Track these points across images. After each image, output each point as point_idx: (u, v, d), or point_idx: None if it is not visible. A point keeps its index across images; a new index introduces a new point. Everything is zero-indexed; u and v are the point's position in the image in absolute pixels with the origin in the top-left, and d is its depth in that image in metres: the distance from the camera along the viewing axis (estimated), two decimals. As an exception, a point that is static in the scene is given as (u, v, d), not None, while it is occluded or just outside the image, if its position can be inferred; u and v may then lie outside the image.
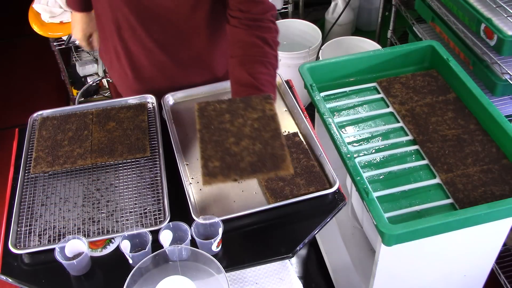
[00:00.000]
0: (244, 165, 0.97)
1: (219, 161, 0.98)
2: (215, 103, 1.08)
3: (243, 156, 0.98)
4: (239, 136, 1.02)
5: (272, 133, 1.02)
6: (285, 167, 0.97)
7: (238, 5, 1.17)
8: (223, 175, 0.96)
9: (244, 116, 1.05)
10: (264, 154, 0.99)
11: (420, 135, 1.42)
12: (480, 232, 1.30)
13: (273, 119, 1.05)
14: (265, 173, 0.97)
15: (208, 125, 1.04)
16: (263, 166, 0.97)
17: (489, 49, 1.76)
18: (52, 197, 1.14)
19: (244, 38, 1.18)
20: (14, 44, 3.46)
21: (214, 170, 0.96)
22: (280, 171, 0.97)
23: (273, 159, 0.98)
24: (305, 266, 2.06)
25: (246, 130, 1.03)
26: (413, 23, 2.31)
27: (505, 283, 1.79)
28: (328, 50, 2.49)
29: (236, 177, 0.96)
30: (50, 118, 1.30)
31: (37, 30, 2.20)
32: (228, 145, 1.00)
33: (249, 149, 1.00)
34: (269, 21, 1.19)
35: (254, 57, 1.16)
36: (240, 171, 0.96)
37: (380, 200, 1.28)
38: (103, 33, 1.37)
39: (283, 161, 0.97)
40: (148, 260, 0.96)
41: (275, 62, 1.19)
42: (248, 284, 1.08)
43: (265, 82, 1.14)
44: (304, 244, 1.06)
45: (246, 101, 1.08)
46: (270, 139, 1.01)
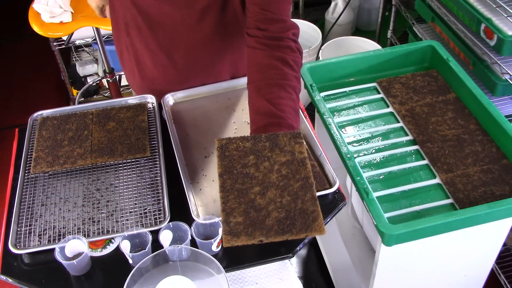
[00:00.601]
0: (271, 223, 0.87)
1: (243, 216, 0.88)
2: (237, 141, 0.99)
3: (270, 211, 0.88)
4: (265, 185, 0.92)
5: (302, 182, 0.92)
6: (317, 227, 0.87)
7: (256, 23, 1.09)
8: (247, 235, 0.86)
9: (271, 159, 0.95)
10: (293, 209, 0.88)
11: (420, 135, 1.42)
12: (480, 232, 1.30)
13: (303, 164, 0.94)
14: (294, 234, 0.86)
15: (231, 169, 0.94)
16: (293, 226, 0.86)
17: (489, 49, 1.76)
18: (52, 197, 1.14)
19: (262, 61, 1.08)
20: (14, 44, 3.46)
21: (236, 228, 0.87)
22: (312, 232, 0.86)
23: (303, 216, 0.88)
24: (305, 266, 2.06)
25: (273, 178, 0.93)
26: (413, 23, 2.31)
27: (505, 283, 1.79)
28: (328, 50, 2.49)
29: (262, 238, 0.86)
30: (50, 118, 1.30)
31: (37, 30, 2.20)
32: (253, 196, 0.90)
33: (277, 202, 0.89)
34: (289, 40, 1.09)
35: (271, 81, 1.05)
36: (266, 231, 0.86)
37: (380, 200, 1.28)
38: (115, 24, 1.36)
39: (314, 220, 0.87)
40: (148, 260, 0.96)
41: (296, 84, 1.08)
42: (248, 284, 1.08)
43: (285, 108, 1.03)
44: (304, 244, 1.06)
45: (273, 140, 0.98)
46: (300, 190, 0.91)
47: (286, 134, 0.99)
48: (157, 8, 1.21)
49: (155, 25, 1.25)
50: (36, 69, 3.24)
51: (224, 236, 0.86)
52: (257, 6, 1.09)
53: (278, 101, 1.03)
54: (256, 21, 1.09)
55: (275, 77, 1.06)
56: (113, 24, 1.38)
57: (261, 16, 1.09)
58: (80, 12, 2.19)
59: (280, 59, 1.07)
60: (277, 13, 1.09)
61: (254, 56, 1.10)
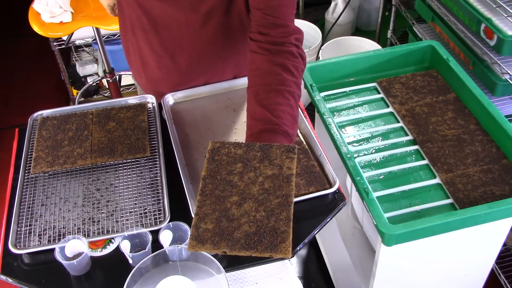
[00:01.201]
0: (239, 236, 0.86)
1: (213, 224, 0.87)
2: (230, 146, 0.98)
3: (241, 223, 0.88)
4: (244, 196, 0.91)
5: (281, 199, 0.90)
6: (283, 249, 0.85)
7: (258, 27, 1.08)
8: (213, 244, 0.85)
9: (257, 170, 0.94)
10: (264, 226, 0.87)
11: (420, 135, 1.42)
12: (480, 232, 1.30)
13: (288, 181, 0.93)
14: (258, 252, 0.85)
15: (215, 174, 0.94)
16: (259, 243, 0.85)
17: (489, 49, 1.76)
18: (52, 197, 1.14)
19: (261, 66, 1.06)
20: (14, 44, 3.46)
21: (204, 235, 0.86)
22: (276, 254, 0.84)
23: (272, 235, 0.86)
24: (305, 266, 2.06)
25: (253, 190, 0.92)
26: (413, 23, 2.31)
27: (505, 283, 1.79)
28: (328, 50, 2.49)
29: (225, 250, 0.85)
30: (50, 118, 1.30)
31: (37, 30, 2.20)
32: (229, 205, 0.90)
33: (250, 215, 0.88)
34: (291, 45, 1.08)
35: (270, 86, 1.03)
36: (232, 243, 0.85)
37: (380, 200, 1.28)
38: (122, 23, 1.36)
39: (282, 241, 0.85)
40: (148, 260, 0.96)
41: (295, 90, 1.06)
42: (248, 284, 1.08)
43: (282, 114, 1.01)
44: (304, 244, 1.06)
45: (265, 150, 0.97)
46: (277, 208, 0.89)
47: (280, 147, 0.97)
48: (161, 9, 1.21)
49: (159, 26, 1.25)
50: (36, 69, 3.24)
51: (190, 241, 0.86)
52: (260, 11, 1.08)
53: (274, 107, 1.02)
54: (259, 26, 1.09)
55: (273, 82, 1.04)
56: (120, 23, 1.38)
57: (264, 20, 1.08)
58: (80, 12, 2.19)
59: (280, 64, 1.05)
60: (280, 17, 1.08)
61: (254, 61, 1.09)
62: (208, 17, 1.20)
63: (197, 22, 1.21)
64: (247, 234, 0.86)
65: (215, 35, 1.25)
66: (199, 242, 0.86)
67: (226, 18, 1.22)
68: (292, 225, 0.88)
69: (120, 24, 1.38)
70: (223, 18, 1.21)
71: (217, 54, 1.30)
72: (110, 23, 2.10)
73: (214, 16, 1.20)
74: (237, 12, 1.21)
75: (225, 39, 1.27)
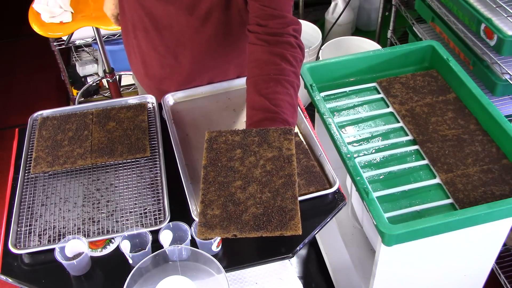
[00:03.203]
0: (248, 218, 0.87)
1: (220, 209, 0.88)
2: (227, 134, 0.99)
3: (248, 206, 0.88)
4: (247, 180, 0.92)
5: (285, 179, 0.91)
6: (293, 226, 0.86)
7: (256, 19, 1.09)
8: (222, 228, 0.86)
9: (257, 154, 0.95)
10: (272, 206, 0.88)
11: (420, 135, 1.42)
12: (480, 232, 1.30)
13: (289, 161, 0.94)
14: (269, 231, 0.86)
15: (215, 162, 0.94)
16: (268, 223, 0.86)
17: (489, 49, 1.76)
18: (52, 197, 1.14)
19: (260, 56, 1.08)
20: (14, 44, 3.46)
21: (212, 221, 0.87)
22: (286, 231, 0.86)
23: (281, 214, 0.87)
24: (305, 266, 2.06)
25: (256, 173, 0.93)
26: (413, 23, 2.31)
27: (505, 283, 1.79)
28: (328, 50, 2.49)
29: (236, 233, 0.85)
30: (50, 118, 1.30)
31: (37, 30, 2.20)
32: (234, 190, 0.90)
33: (256, 197, 0.89)
34: (289, 36, 1.09)
35: (269, 76, 1.05)
36: (241, 226, 0.86)
37: (380, 200, 1.28)
38: (124, 25, 1.37)
39: (291, 219, 0.86)
40: (148, 260, 0.96)
41: (294, 79, 1.07)
42: (248, 284, 1.08)
43: (281, 103, 1.02)
44: (304, 244, 1.06)
45: (262, 135, 0.97)
46: (282, 188, 0.90)
47: (276, 130, 0.98)
48: (162, 9, 1.21)
49: (161, 26, 1.25)
50: (36, 69, 3.24)
51: (198, 228, 0.86)
52: (258, 2, 1.09)
53: (273, 96, 1.03)
54: (257, 17, 1.10)
55: (272, 72, 1.05)
56: (122, 26, 1.39)
57: (261, 12, 1.09)
58: (80, 12, 2.19)
59: (279, 54, 1.06)
60: (277, 8, 1.08)
61: (253, 52, 1.10)
62: (208, 15, 1.21)
63: (197, 20, 1.22)
64: (255, 216, 0.87)
65: (216, 33, 1.25)
66: (208, 228, 0.86)
67: (226, 15, 1.22)
68: (298, 202, 0.88)
69: (122, 27, 1.39)
70: (223, 15, 1.21)
71: (219, 52, 1.31)
72: (110, 23, 2.10)
73: (214, 13, 1.21)
74: (236, 8, 1.21)
75: (226, 36, 1.27)
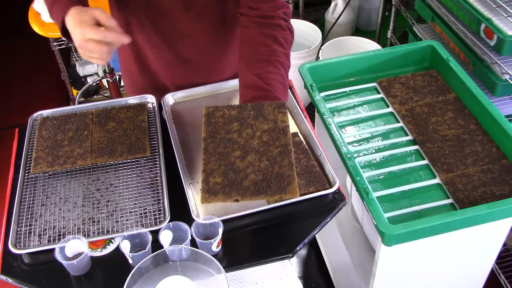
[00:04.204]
0: (248, 184, 0.92)
1: (222, 177, 0.93)
2: (224, 109, 1.04)
3: (248, 174, 0.94)
4: (245, 150, 0.97)
5: (281, 149, 0.97)
6: (291, 190, 0.92)
7: (248, 2, 1.14)
8: (224, 194, 0.92)
9: (254, 126, 1.00)
10: (270, 173, 0.93)
11: (420, 135, 1.42)
12: (480, 232, 1.30)
13: (284, 132, 0.99)
14: (269, 195, 0.92)
15: (214, 134, 0.99)
16: (268, 188, 0.92)
17: (489, 49, 1.76)
18: (52, 197, 1.14)
19: (253, 38, 1.13)
20: (14, 44, 3.46)
21: (215, 187, 0.92)
22: (285, 195, 0.92)
23: (279, 180, 0.93)
24: (305, 266, 2.07)
25: (253, 143, 0.98)
26: (413, 23, 2.31)
27: (505, 283, 1.79)
28: (328, 50, 2.49)
29: (237, 198, 0.91)
30: (50, 118, 1.30)
31: (37, 30, 2.21)
32: (233, 159, 0.95)
33: (255, 165, 0.94)
34: (280, 19, 1.14)
35: (261, 57, 1.10)
36: (242, 191, 0.92)
37: (380, 200, 1.28)
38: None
39: (289, 184, 0.92)
40: (148, 260, 0.96)
41: (285, 60, 1.13)
42: (248, 284, 1.08)
43: (273, 82, 1.08)
44: (304, 244, 1.06)
45: (258, 109, 1.03)
46: (278, 156, 0.96)
47: (271, 104, 1.03)
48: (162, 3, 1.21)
49: (157, 18, 1.24)
50: (36, 69, 3.24)
51: (202, 194, 0.91)
52: None
53: (266, 75, 1.08)
54: (249, 1, 1.14)
55: (264, 53, 1.10)
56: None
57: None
58: (80, 12, 2.19)
59: (270, 36, 1.11)
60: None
61: (245, 34, 1.15)
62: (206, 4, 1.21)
63: (195, 9, 1.22)
64: (255, 182, 0.92)
65: (213, 23, 1.26)
66: (211, 195, 0.91)
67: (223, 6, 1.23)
68: (295, 169, 0.94)
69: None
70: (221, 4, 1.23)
71: (216, 43, 1.31)
72: (110, 23, 2.10)
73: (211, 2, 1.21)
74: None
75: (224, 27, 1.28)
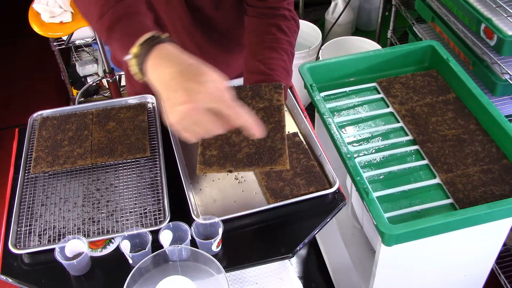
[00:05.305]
0: (241, 157, 0.97)
1: (217, 150, 0.98)
2: None
3: (242, 147, 0.99)
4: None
5: (274, 125, 1.02)
6: (281, 162, 0.96)
7: None
8: (219, 165, 0.96)
9: (250, 105, 1.05)
10: (262, 146, 0.99)
11: (420, 135, 1.42)
12: (480, 232, 1.30)
13: (279, 110, 1.04)
14: (260, 166, 0.96)
15: None
16: (260, 159, 0.97)
17: (489, 49, 1.76)
18: (52, 197, 1.14)
19: (258, 27, 1.17)
20: (14, 44, 3.46)
21: (210, 159, 0.97)
22: (276, 166, 0.96)
23: (270, 152, 0.98)
24: (305, 266, 2.07)
25: None
26: (413, 23, 2.31)
27: (505, 283, 1.79)
28: (328, 50, 2.49)
29: (231, 169, 0.96)
30: (50, 118, 1.30)
31: (37, 30, 2.20)
32: (229, 134, 1.00)
33: (249, 140, 0.99)
34: (284, 10, 1.18)
35: (264, 44, 1.14)
36: (236, 163, 0.97)
37: (380, 200, 1.28)
38: None
39: (280, 156, 0.97)
40: (148, 260, 0.96)
41: (288, 47, 1.16)
42: (248, 284, 1.08)
43: (275, 67, 1.12)
44: (304, 244, 1.06)
45: (255, 89, 1.08)
46: (272, 131, 1.01)
47: (268, 85, 1.08)
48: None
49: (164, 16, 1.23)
50: (36, 69, 3.24)
51: (198, 165, 0.97)
52: None
53: (268, 61, 1.12)
54: None
55: (268, 41, 1.14)
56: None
57: None
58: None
59: (275, 25, 1.16)
60: None
61: (251, 23, 1.18)
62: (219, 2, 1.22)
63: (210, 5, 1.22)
64: (248, 155, 0.98)
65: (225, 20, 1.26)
66: (206, 166, 0.97)
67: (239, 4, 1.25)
68: (286, 143, 0.99)
69: None
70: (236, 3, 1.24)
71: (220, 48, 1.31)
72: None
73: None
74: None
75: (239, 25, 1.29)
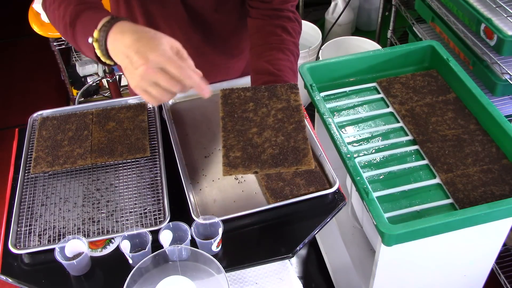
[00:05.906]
0: (266, 157, 0.97)
1: (241, 152, 0.98)
2: (239, 91, 1.09)
3: (265, 148, 0.99)
4: (262, 127, 1.03)
5: (295, 125, 1.03)
6: (306, 162, 0.97)
7: None
8: (244, 167, 0.96)
9: (268, 106, 1.06)
10: (286, 147, 0.99)
11: (420, 135, 1.42)
12: (480, 232, 1.30)
13: (298, 110, 1.05)
14: (286, 167, 0.97)
15: (231, 113, 1.05)
16: (285, 160, 0.97)
17: (489, 49, 1.76)
18: (52, 197, 1.14)
19: (263, 29, 1.18)
20: (14, 44, 3.46)
21: (235, 161, 0.97)
22: (301, 166, 0.97)
23: (295, 153, 0.98)
24: (305, 266, 2.07)
25: (269, 121, 1.03)
26: (413, 23, 2.31)
27: (505, 283, 1.79)
28: (328, 50, 2.49)
29: (257, 170, 0.96)
30: (50, 118, 1.30)
31: (37, 30, 2.21)
32: (251, 136, 1.01)
33: (272, 140, 1.00)
34: (288, 11, 1.20)
35: (271, 45, 1.15)
36: (261, 163, 0.97)
37: (380, 200, 1.28)
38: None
39: (304, 156, 0.98)
40: (148, 260, 0.97)
41: (294, 48, 1.18)
42: (248, 284, 1.08)
43: (283, 68, 1.13)
44: (304, 244, 1.06)
45: (271, 90, 1.09)
46: (293, 132, 1.01)
47: (283, 85, 1.10)
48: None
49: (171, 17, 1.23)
50: (36, 69, 3.24)
51: (223, 168, 0.96)
52: None
53: (276, 62, 1.13)
54: None
55: (274, 42, 1.16)
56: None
57: None
58: (80, 12, 2.19)
59: (280, 26, 1.17)
60: None
61: (256, 25, 1.19)
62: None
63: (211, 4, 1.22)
64: (272, 155, 0.98)
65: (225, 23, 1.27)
66: (232, 167, 0.97)
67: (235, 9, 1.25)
68: (309, 143, 1.00)
69: None
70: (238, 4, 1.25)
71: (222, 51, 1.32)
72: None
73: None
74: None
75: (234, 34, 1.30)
